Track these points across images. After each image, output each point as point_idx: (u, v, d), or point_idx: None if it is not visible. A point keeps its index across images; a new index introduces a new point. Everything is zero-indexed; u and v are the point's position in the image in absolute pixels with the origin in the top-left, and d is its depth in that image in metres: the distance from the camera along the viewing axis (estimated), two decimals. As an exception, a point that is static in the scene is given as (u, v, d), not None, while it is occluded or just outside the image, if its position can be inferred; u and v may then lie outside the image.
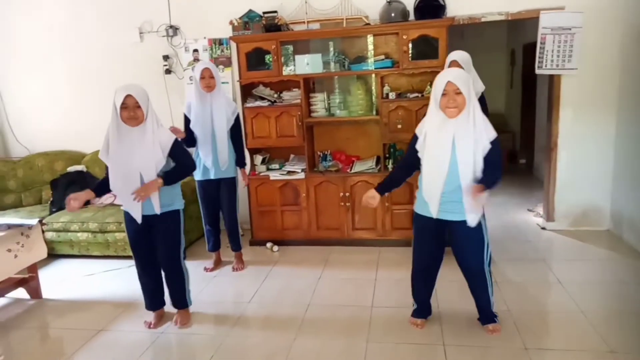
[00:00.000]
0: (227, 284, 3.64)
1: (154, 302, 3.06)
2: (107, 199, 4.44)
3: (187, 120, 3.57)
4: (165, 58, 4.53)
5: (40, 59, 4.87)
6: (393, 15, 3.86)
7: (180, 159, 2.78)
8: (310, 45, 4.17)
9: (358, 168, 4.17)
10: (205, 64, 3.46)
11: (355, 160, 4.31)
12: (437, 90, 2.38)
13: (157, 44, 4.55)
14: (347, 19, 4.06)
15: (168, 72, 4.56)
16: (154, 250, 2.92)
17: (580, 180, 4.19)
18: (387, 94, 4.01)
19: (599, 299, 3.09)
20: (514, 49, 7.23)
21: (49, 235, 4.11)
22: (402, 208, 4.04)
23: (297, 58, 3.99)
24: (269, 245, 4.25)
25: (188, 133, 3.54)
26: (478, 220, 2.51)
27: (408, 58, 3.85)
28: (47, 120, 4.98)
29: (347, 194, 4.09)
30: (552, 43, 3.90)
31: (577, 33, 3.83)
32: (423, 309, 2.87)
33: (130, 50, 4.62)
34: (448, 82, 2.33)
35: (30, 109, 5.00)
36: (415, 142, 2.54)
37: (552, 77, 4.14)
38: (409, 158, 2.62)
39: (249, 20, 4.04)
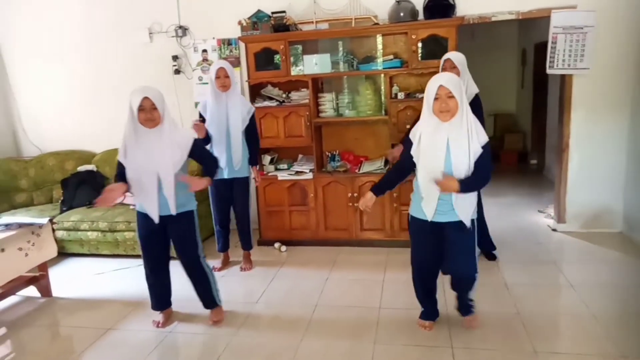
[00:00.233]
0: (235, 284, 3.64)
1: (160, 302, 3.07)
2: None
3: (202, 119, 3.58)
4: (175, 58, 4.55)
5: (52, 60, 4.91)
6: (402, 15, 3.84)
7: (205, 157, 2.84)
8: (319, 45, 4.16)
9: (366, 168, 4.15)
10: (221, 64, 3.47)
11: (364, 161, 4.30)
12: (429, 95, 2.38)
13: (166, 45, 4.57)
14: (355, 19, 4.04)
15: (177, 72, 4.58)
16: (165, 252, 2.94)
17: (592, 182, 4.13)
18: (395, 94, 3.99)
19: (611, 303, 3.04)
20: (525, 49, 7.15)
21: (59, 234, 4.15)
22: (410, 209, 4.01)
23: (305, 58, 3.98)
24: (277, 245, 4.25)
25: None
26: (470, 221, 2.51)
27: (417, 58, 3.83)
28: (58, 121, 5.03)
29: (355, 195, 4.07)
30: (563, 42, 3.85)
31: (589, 32, 3.78)
32: (429, 311, 2.86)
33: (140, 51, 4.65)
34: (440, 86, 2.33)
35: (42, 110, 5.05)
36: (410, 146, 2.52)
37: (563, 77, 4.09)
38: (404, 162, 2.61)
39: (258, 21, 4.05)
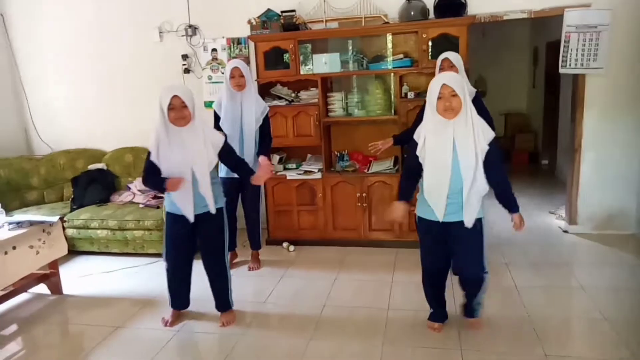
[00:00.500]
0: (243, 284, 3.63)
1: (181, 301, 3.06)
2: (126, 197, 4.50)
3: (216, 117, 3.59)
4: (184, 57, 4.56)
5: (63, 59, 4.95)
6: (413, 14, 3.81)
7: (233, 159, 2.87)
8: (329, 45, 4.14)
9: (375, 168, 4.13)
10: (235, 63, 3.46)
11: (373, 161, 4.27)
12: (432, 94, 2.36)
13: (176, 44, 4.59)
14: (365, 18, 4.02)
15: (187, 71, 4.59)
16: (192, 252, 2.94)
17: (605, 183, 4.07)
18: (405, 94, 3.96)
19: (624, 306, 2.99)
20: (537, 48, 7.07)
21: (70, 232, 4.18)
22: (420, 209, 3.98)
23: (315, 57, 3.97)
24: (286, 245, 4.24)
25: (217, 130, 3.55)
26: (476, 221, 2.48)
27: (427, 57, 3.80)
28: (69, 119, 5.06)
29: (364, 195, 4.06)
30: (576, 41, 3.80)
31: (603, 31, 3.72)
32: (438, 313, 2.84)
33: (150, 50, 4.67)
34: (443, 84, 2.32)
35: (54, 108, 5.09)
36: (415, 148, 2.49)
37: (576, 76, 4.03)
38: (413, 165, 2.54)
39: (268, 20, 4.04)
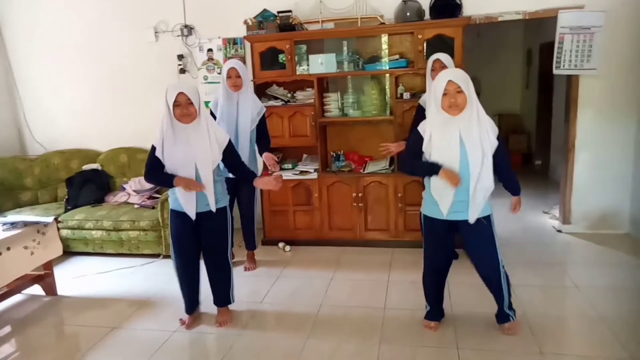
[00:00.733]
0: (239, 284, 3.58)
1: (193, 305, 3.04)
2: (121, 197, 4.48)
3: (212, 117, 3.57)
4: (180, 57, 4.55)
5: (58, 58, 4.92)
6: (408, 15, 3.83)
7: (236, 160, 2.86)
8: (325, 45, 4.15)
9: (371, 168, 4.14)
10: (232, 63, 3.46)
11: (368, 161, 4.29)
12: (437, 91, 2.37)
13: (171, 44, 4.58)
14: (361, 19, 4.03)
15: (182, 71, 4.58)
16: (198, 250, 2.93)
17: (599, 183, 4.11)
18: (401, 94, 3.98)
19: (618, 305, 3.02)
20: (531, 49, 7.12)
21: (64, 233, 4.15)
22: (415, 209, 3.98)
23: (311, 58, 3.98)
24: (281, 245, 4.24)
25: None
26: (484, 217, 2.50)
27: (423, 58, 3.81)
28: (63, 119, 5.03)
29: (359, 195, 4.06)
30: (570, 43, 3.83)
31: (596, 33, 3.76)
32: (436, 311, 2.85)
33: (146, 50, 4.65)
34: (449, 81, 2.33)
35: (48, 108, 5.06)
36: (421, 142, 2.49)
37: (570, 77, 4.07)
38: (416, 155, 2.54)
39: (264, 20, 4.04)
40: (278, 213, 4.27)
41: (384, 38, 4.08)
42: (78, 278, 3.87)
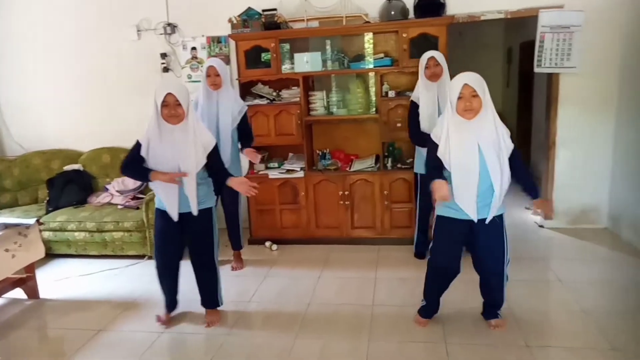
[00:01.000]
0: (226, 284, 3.55)
1: (173, 303, 3.04)
2: (104, 198, 4.41)
3: None
4: (163, 56, 4.50)
5: (37, 57, 4.82)
6: (393, 14, 3.85)
7: (219, 166, 2.80)
8: (310, 44, 4.15)
9: (357, 167, 4.16)
10: (212, 62, 3.44)
11: (354, 159, 4.30)
12: (452, 94, 2.36)
13: (154, 42, 4.52)
14: (346, 17, 4.04)
15: (166, 70, 4.52)
16: (180, 251, 2.91)
17: (579, 179, 4.20)
18: (386, 93, 4.00)
19: (600, 297, 3.10)
20: (511, 48, 7.23)
21: (46, 235, 4.06)
22: (401, 207, 4.04)
23: (296, 56, 3.97)
24: (268, 244, 4.23)
25: None
26: (500, 217, 2.53)
27: (407, 56, 3.85)
28: (43, 119, 4.93)
29: (346, 193, 4.08)
30: (551, 41, 3.91)
31: (576, 32, 3.84)
32: (432, 310, 2.86)
33: (128, 48, 4.59)
34: (465, 85, 2.32)
35: (27, 107, 4.94)
36: (436, 149, 2.47)
37: (550, 75, 4.15)
38: (436, 165, 2.51)
39: (248, 18, 4.02)
40: (264, 212, 4.26)
41: (369, 37, 4.10)
42: (61, 281, 3.80)
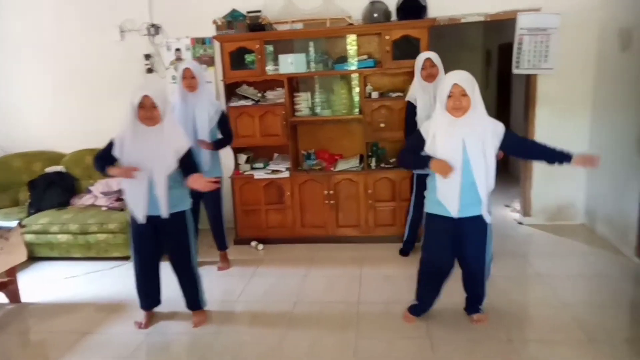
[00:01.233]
0: (212, 284, 3.60)
1: (149, 302, 3.03)
2: (87, 200, 4.37)
3: None
4: (147, 57, 4.48)
5: (19, 58, 4.73)
6: (376, 16, 3.91)
7: (190, 168, 2.74)
8: (294, 45, 4.18)
9: (342, 166, 4.21)
10: (187, 64, 3.45)
11: (339, 159, 4.35)
12: (443, 93, 2.43)
13: (138, 43, 4.49)
14: (330, 19, 4.08)
15: (150, 71, 4.50)
16: (158, 252, 2.90)
17: (556, 177, 4.32)
18: (369, 94, 4.06)
19: (577, 291, 3.21)
20: (490, 50, 7.39)
21: (28, 238, 3.99)
22: (385, 205, 4.11)
23: (281, 57, 4.00)
24: (254, 244, 4.25)
25: None
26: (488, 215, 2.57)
27: (390, 58, 3.91)
28: (24, 120, 4.84)
29: (331, 192, 4.13)
30: (529, 43, 4.02)
31: (553, 34, 3.96)
32: (424, 307, 2.89)
33: (111, 49, 4.55)
34: (454, 84, 2.38)
35: (7, 109, 4.85)
36: (422, 143, 2.53)
37: (528, 76, 4.26)
38: (414, 152, 2.58)
39: (233, 20, 4.03)
40: (250, 212, 4.28)
41: (352, 38, 4.15)
42: (44, 284, 3.75)
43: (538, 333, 2.74)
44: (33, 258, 4.10)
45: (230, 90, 4.20)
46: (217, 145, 3.60)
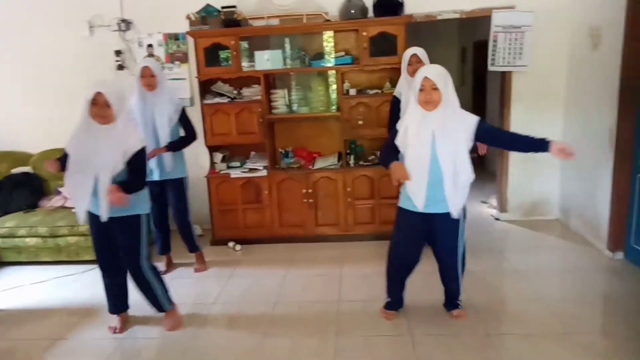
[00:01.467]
0: (190, 286, 3.54)
1: (117, 305, 2.94)
2: (57, 202, 4.22)
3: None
4: (118, 53, 4.35)
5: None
6: (353, 12, 3.89)
7: (135, 172, 2.61)
8: (270, 41, 4.12)
9: (320, 164, 4.17)
10: (145, 62, 3.34)
11: (317, 157, 4.32)
12: (415, 86, 2.43)
13: (108, 39, 4.36)
14: (307, 15, 4.04)
15: (121, 67, 4.37)
16: (115, 253, 2.80)
17: (531, 173, 4.40)
18: (347, 91, 4.04)
19: (553, 284, 3.26)
20: (465, 47, 7.47)
21: (-6, 242, 3.86)
22: (364, 203, 4.09)
23: (257, 54, 3.93)
24: (231, 245, 4.18)
25: None
26: (460, 212, 2.56)
27: (368, 54, 3.89)
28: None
29: (309, 191, 4.09)
30: (503, 41, 4.06)
31: (526, 31, 4.01)
32: (397, 302, 2.92)
33: (80, 45, 4.39)
34: (425, 77, 2.39)
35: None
36: (395, 135, 2.56)
37: (503, 73, 4.31)
38: (392, 150, 2.60)
39: (207, 15, 3.94)
40: (227, 212, 4.20)
41: (329, 35, 4.12)
42: (11, 290, 3.60)
43: (515, 327, 2.76)
44: (0, 263, 3.94)
45: (205, 88, 4.12)
46: (176, 146, 3.47)
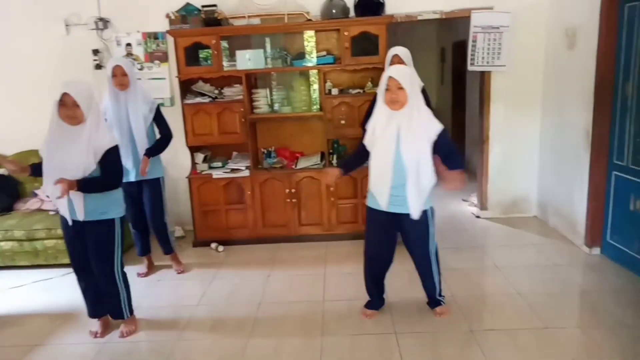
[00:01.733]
0: (172, 288, 3.50)
1: (96, 309, 2.88)
2: (33, 204, 4.12)
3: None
4: (95, 52, 4.26)
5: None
6: (334, 12, 3.89)
7: (106, 171, 2.57)
8: (252, 41, 4.10)
9: (303, 164, 4.17)
10: (116, 61, 3.28)
11: (300, 157, 4.31)
12: (381, 86, 2.48)
13: (85, 38, 4.27)
14: (288, 15, 4.03)
15: (98, 67, 4.28)
16: (89, 258, 2.74)
17: (510, 171, 4.48)
18: (329, 90, 4.05)
19: (533, 280, 3.33)
20: (444, 47, 7.56)
21: (-33, 246, 3.74)
22: (347, 202, 4.10)
23: (238, 53, 3.91)
24: (214, 246, 4.14)
25: None
26: (421, 212, 2.58)
27: (349, 54, 3.91)
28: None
29: (292, 191, 4.08)
30: (482, 41, 4.13)
31: (504, 32, 4.08)
32: (375, 301, 2.94)
33: (56, 44, 4.29)
34: (389, 77, 2.42)
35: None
36: (364, 135, 2.60)
37: (483, 73, 4.37)
38: (360, 149, 2.69)
39: (187, 14, 3.91)
40: (209, 213, 4.16)
41: (311, 34, 4.12)
42: (-13, 295, 3.51)
43: (497, 322, 2.81)
44: (-27, 268, 3.83)
45: (186, 87, 4.07)
46: (155, 151, 3.43)
